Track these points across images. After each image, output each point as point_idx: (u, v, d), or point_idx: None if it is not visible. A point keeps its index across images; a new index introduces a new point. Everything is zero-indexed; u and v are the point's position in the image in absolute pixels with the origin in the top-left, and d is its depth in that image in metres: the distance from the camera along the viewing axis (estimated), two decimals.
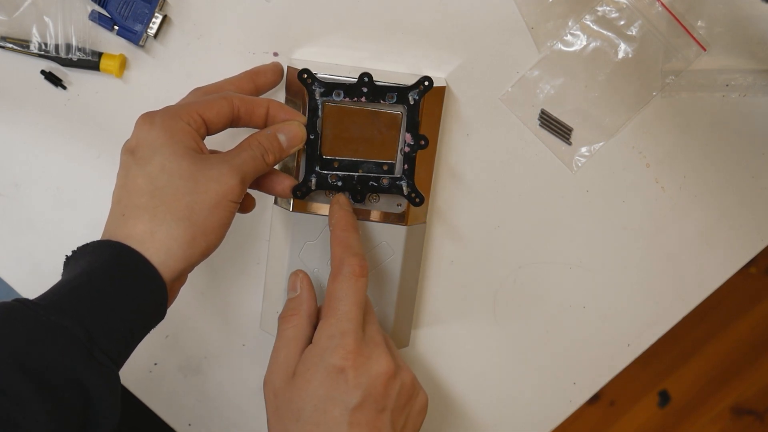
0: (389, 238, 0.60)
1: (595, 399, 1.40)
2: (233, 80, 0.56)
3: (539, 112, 0.61)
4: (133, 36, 0.58)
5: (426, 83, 0.56)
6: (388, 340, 0.56)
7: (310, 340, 0.54)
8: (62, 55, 0.59)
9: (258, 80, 0.57)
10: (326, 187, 0.57)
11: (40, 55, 0.59)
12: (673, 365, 1.41)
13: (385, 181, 0.57)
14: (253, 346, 0.65)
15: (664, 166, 0.62)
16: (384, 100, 0.57)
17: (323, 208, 0.59)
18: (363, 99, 0.56)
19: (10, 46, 0.59)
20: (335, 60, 0.60)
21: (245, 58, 0.60)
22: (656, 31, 0.59)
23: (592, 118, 0.61)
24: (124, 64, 0.60)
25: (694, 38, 0.60)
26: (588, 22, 0.60)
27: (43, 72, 0.60)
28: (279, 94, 0.60)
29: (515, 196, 0.62)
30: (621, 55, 0.60)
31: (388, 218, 0.59)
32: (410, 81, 0.57)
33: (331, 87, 0.56)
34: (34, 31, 0.59)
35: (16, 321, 0.44)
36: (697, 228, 0.63)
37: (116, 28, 0.58)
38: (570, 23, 0.59)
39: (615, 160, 0.62)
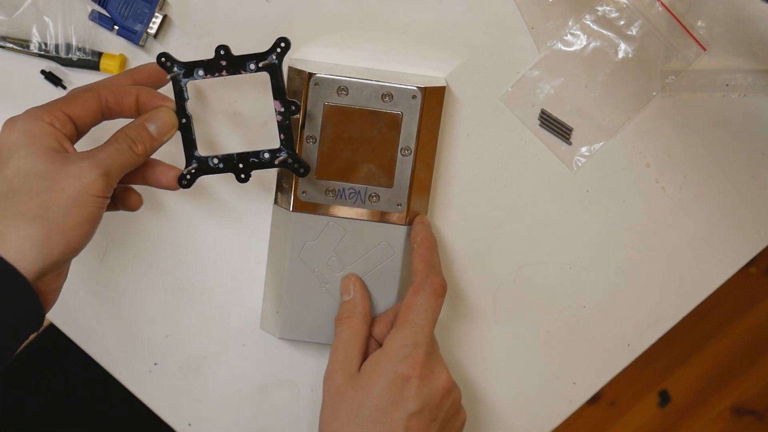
0: (389, 238, 0.60)
1: (595, 399, 1.40)
2: (111, 78, 0.55)
3: (539, 112, 0.61)
4: (133, 36, 0.58)
5: (283, 45, 0.54)
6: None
7: (366, 340, 0.58)
8: (62, 55, 0.59)
9: (136, 77, 0.55)
10: (208, 171, 0.55)
11: (40, 55, 0.59)
12: (673, 365, 1.41)
13: (267, 156, 0.55)
14: (253, 346, 0.65)
15: (664, 166, 0.62)
16: (245, 70, 0.54)
17: (323, 208, 0.59)
18: (224, 73, 0.54)
19: (10, 46, 0.59)
20: (335, 60, 0.60)
21: None
22: (656, 31, 0.59)
23: (592, 118, 0.61)
24: (124, 64, 0.60)
25: (694, 38, 0.60)
26: (588, 22, 0.60)
27: (43, 72, 0.60)
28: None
29: (515, 196, 0.62)
30: (621, 55, 0.60)
31: (388, 218, 0.59)
32: (410, 81, 0.57)
33: (191, 67, 0.54)
34: (34, 31, 0.59)
35: None
36: (697, 228, 0.63)
37: (116, 28, 0.58)
38: (570, 23, 0.59)
39: (615, 160, 0.62)
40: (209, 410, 0.66)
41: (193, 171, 0.55)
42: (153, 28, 0.58)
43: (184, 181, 0.55)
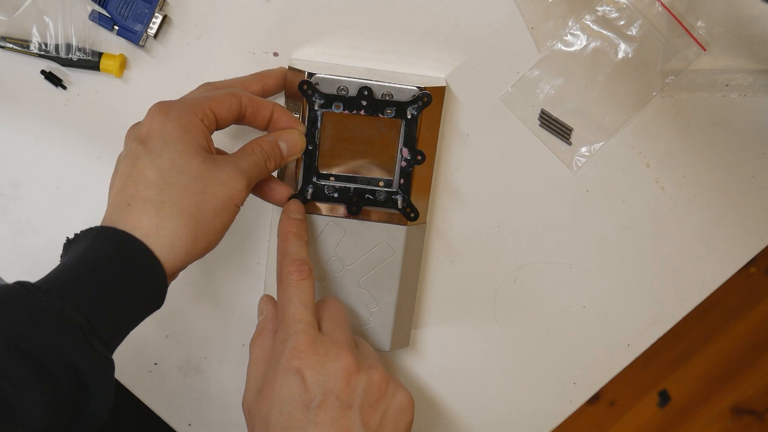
0: (389, 238, 0.60)
1: (595, 399, 1.40)
2: (242, 80, 0.57)
3: (539, 112, 0.61)
4: (133, 36, 0.58)
5: (425, 99, 0.56)
6: (360, 341, 0.56)
7: None
8: (62, 55, 0.59)
9: (266, 83, 0.57)
10: (323, 199, 0.58)
11: (40, 55, 0.59)
12: (673, 365, 1.41)
13: (381, 195, 0.58)
14: None
15: (664, 166, 0.62)
16: (382, 114, 0.57)
17: (323, 208, 0.59)
18: (362, 112, 0.57)
19: (10, 46, 0.59)
20: (335, 60, 0.60)
21: (245, 58, 0.60)
22: (656, 31, 0.59)
23: (592, 118, 0.61)
24: (124, 64, 0.60)
25: (694, 38, 0.60)
26: (588, 22, 0.60)
27: (43, 72, 0.60)
28: (278, 96, 0.60)
29: (515, 196, 0.62)
30: (621, 55, 0.60)
31: (388, 218, 0.59)
32: (410, 81, 0.57)
33: (330, 99, 0.56)
34: (34, 31, 0.59)
35: (17, 304, 0.44)
36: (697, 228, 0.63)
37: (116, 28, 0.58)
38: (570, 23, 0.59)
39: (615, 160, 0.62)
40: (209, 410, 0.66)
41: (308, 197, 0.57)
42: (153, 28, 0.58)
43: None
